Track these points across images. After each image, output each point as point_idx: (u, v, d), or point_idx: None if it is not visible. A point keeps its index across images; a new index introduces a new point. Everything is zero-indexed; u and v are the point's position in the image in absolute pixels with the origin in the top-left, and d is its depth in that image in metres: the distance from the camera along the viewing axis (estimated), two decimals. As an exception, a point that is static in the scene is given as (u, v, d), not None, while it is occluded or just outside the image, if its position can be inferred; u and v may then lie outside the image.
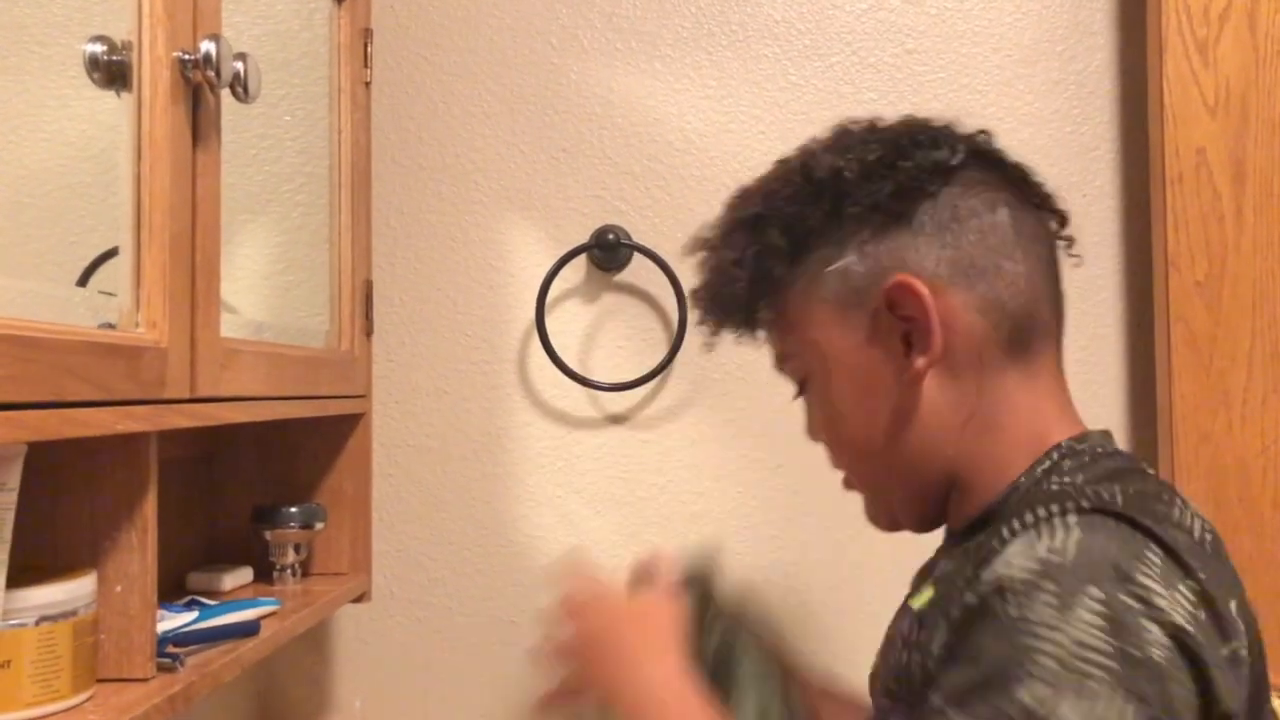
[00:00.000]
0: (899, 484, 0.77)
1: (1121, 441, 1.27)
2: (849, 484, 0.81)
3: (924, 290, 0.70)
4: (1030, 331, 0.72)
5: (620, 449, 1.32)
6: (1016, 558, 0.60)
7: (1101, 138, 1.28)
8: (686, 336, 1.29)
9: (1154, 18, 1.21)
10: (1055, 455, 0.71)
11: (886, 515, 0.80)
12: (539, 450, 1.32)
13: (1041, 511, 0.62)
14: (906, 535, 0.80)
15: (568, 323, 1.32)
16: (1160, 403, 1.22)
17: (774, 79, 1.32)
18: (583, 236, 1.31)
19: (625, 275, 1.32)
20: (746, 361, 1.31)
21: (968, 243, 0.71)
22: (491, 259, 1.33)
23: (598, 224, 1.31)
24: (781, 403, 1.31)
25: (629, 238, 1.30)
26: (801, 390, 0.81)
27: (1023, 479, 0.70)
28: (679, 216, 1.32)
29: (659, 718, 0.74)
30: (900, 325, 0.72)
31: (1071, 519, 0.60)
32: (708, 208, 1.31)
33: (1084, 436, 0.72)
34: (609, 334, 1.32)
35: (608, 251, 1.30)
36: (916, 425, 0.73)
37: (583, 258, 1.32)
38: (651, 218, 1.32)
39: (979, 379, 0.72)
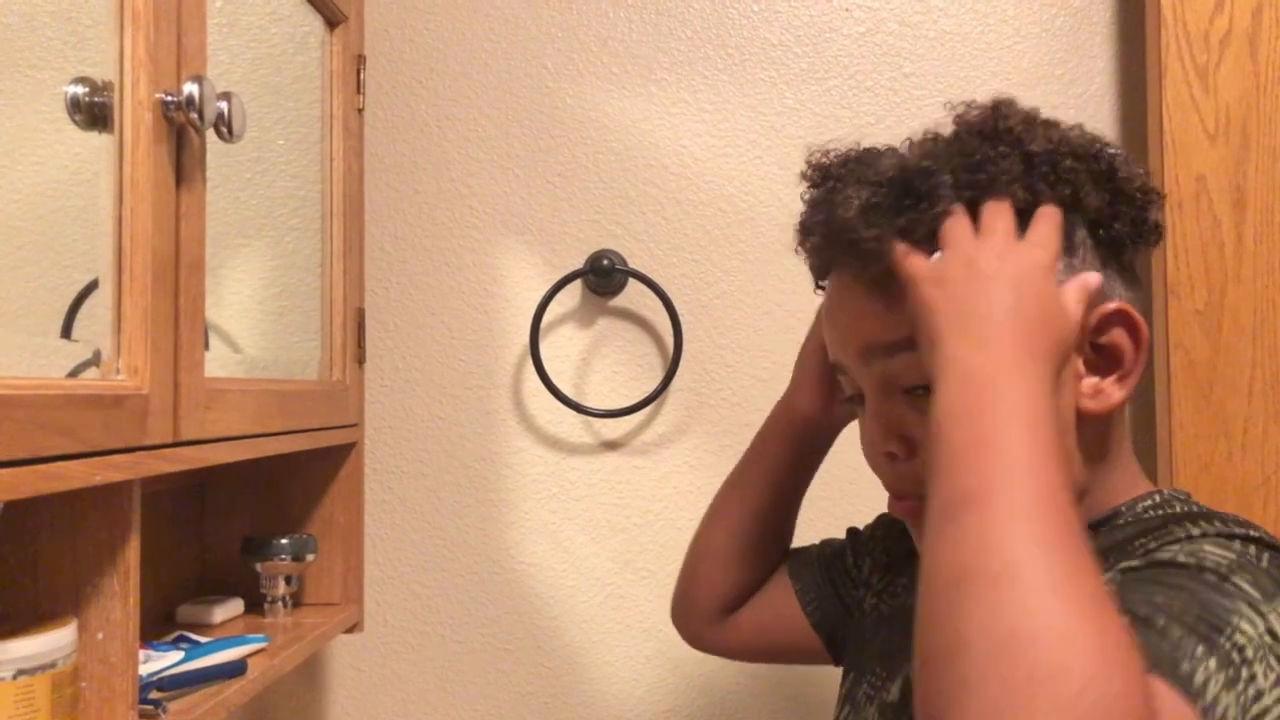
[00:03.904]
0: None
1: (1121, 469, 1.27)
2: (914, 510, 0.70)
3: (1145, 328, 0.67)
4: None
5: (615, 475, 1.31)
6: (1209, 545, 0.60)
7: (1101, 162, 1.27)
8: (682, 362, 1.28)
9: (1153, 43, 1.20)
10: (1158, 497, 0.70)
11: None
12: (533, 476, 1.31)
13: (1231, 527, 0.63)
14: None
15: (562, 348, 1.31)
16: (1160, 432, 1.21)
17: (770, 103, 1.31)
18: (578, 262, 1.30)
19: (620, 300, 1.31)
20: (741, 387, 1.30)
21: (1137, 289, 0.71)
22: (486, 284, 1.32)
23: (593, 249, 1.31)
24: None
25: (624, 263, 1.30)
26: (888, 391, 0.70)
27: (1123, 508, 0.69)
28: (674, 241, 1.31)
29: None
30: (1088, 350, 0.68)
31: (1262, 548, 0.61)
32: (704, 232, 1.32)
33: (1176, 491, 0.72)
34: (604, 359, 1.32)
35: (603, 277, 1.29)
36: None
37: (578, 282, 1.31)
38: (647, 242, 1.31)
39: (1123, 422, 0.71)
